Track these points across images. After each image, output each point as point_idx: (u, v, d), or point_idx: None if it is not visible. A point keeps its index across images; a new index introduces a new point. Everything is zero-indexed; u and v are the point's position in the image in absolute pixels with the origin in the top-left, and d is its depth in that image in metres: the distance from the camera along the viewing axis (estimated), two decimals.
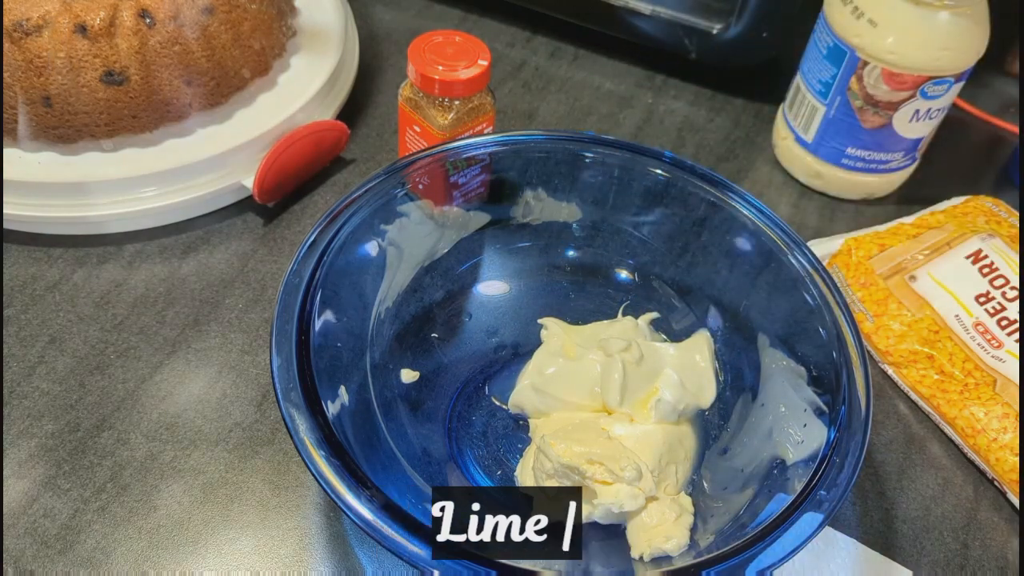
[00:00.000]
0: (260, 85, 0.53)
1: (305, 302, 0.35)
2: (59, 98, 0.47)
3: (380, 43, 0.64)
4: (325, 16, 0.59)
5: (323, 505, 0.41)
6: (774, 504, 0.33)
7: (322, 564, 0.39)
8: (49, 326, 0.46)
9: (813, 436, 0.35)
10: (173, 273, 0.49)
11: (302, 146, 0.51)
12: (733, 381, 0.41)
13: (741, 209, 0.41)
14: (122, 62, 0.47)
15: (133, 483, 0.41)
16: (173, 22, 0.48)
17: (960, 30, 0.49)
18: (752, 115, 0.63)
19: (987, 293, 0.48)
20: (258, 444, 0.42)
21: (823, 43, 0.52)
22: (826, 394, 0.36)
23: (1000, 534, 0.43)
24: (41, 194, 0.48)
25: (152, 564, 0.38)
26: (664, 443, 0.38)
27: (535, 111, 0.61)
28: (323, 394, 0.33)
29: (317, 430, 0.32)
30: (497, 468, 0.41)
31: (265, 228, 0.52)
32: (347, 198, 0.39)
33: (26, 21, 0.46)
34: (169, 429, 0.42)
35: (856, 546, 0.40)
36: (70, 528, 0.39)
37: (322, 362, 0.35)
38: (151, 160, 0.49)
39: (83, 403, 0.43)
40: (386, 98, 0.60)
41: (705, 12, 0.60)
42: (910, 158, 0.56)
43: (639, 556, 0.36)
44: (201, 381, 0.45)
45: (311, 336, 0.35)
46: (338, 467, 0.31)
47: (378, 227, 0.40)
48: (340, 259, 0.38)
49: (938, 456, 0.46)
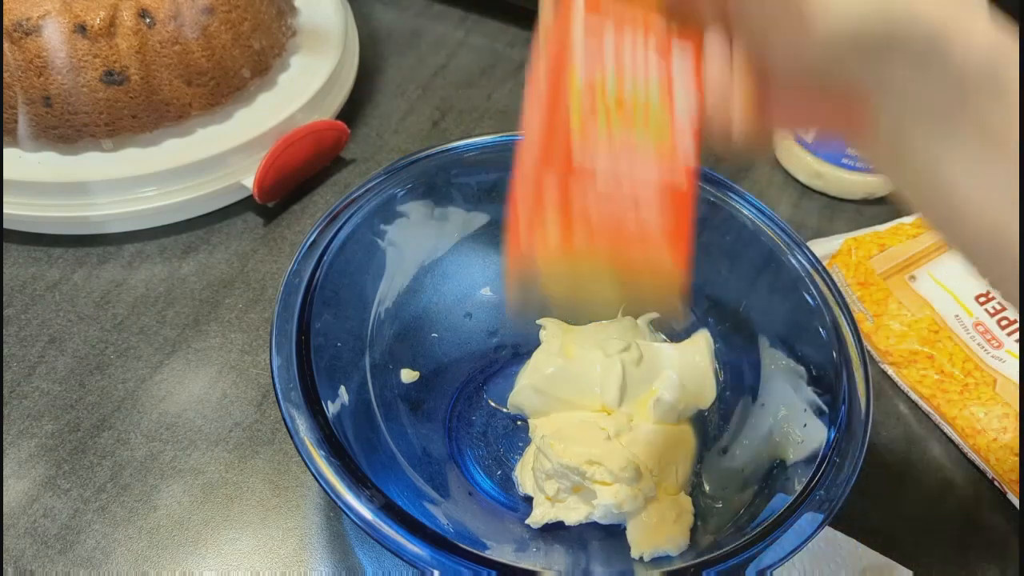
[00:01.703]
0: (260, 85, 0.53)
1: (305, 302, 0.35)
2: (59, 98, 0.47)
3: (380, 43, 0.64)
4: (325, 16, 0.59)
5: (323, 505, 0.41)
6: (774, 504, 0.33)
7: (322, 564, 0.39)
8: (49, 326, 0.46)
9: (813, 436, 0.35)
10: (173, 273, 0.49)
11: (302, 146, 0.51)
12: (733, 381, 0.41)
13: (741, 209, 0.41)
14: (122, 62, 0.47)
15: (133, 483, 0.41)
16: (173, 22, 0.48)
17: None
18: None
19: (987, 293, 0.48)
20: (258, 444, 0.42)
21: None
22: (826, 394, 0.36)
23: (1000, 534, 0.43)
24: (41, 194, 0.48)
25: (152, 564, 0.38)
26: (664, 443, 0.38)
27: None
28: (323, 394, 0.33)
29: (317, 430, 0.32)
30: (497, 468, 0.41)
31: (265, 228, 0.52)
32: (347, 198, 0.39)
33: (26, 21, 0.46)
34: (169, 429, 0.42)
35: (856, 546, 0.40)
36: (70, 528, 0.39)
37: (322, 362, 0.35)
38: (151, 160, 0.49)
39: (83, 403, 0.43)
40: (386, 98, 0.60)
41: None
42: None
43: (639, 556, 0.36)
44: (201, 381, 0.45)
45: (311, 336, 0.35)
46: (338, 467, 0.31)
47: (378, 227, 0.40)
48: (340, 259, 0.38)
49: (938, 456, 0.46)
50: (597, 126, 0.26)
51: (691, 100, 0.27)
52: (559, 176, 0.26)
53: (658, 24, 0.27)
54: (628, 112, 0.26)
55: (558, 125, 0.26)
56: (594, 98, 0.26)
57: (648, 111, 0.26)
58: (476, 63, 0.64)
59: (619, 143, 0.26)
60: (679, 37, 0.27)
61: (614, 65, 0.26)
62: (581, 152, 0.26)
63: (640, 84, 0.26)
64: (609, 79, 0.26)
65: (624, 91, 0.26)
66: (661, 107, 0.26)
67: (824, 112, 0.29)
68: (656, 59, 0.26)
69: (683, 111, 0.26)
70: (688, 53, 0.27)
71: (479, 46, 0.65)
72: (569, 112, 0.26)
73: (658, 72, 0.26)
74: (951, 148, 0.26)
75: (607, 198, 0.26)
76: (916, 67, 0.25)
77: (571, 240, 0.26)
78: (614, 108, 0.26)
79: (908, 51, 0.25)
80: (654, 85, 0.26)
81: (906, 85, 0.26)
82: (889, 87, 0.26)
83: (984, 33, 0.25)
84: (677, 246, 0.26)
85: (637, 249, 0.26)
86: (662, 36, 0.27)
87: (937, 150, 0.26)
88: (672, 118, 0.26)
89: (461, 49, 0.65)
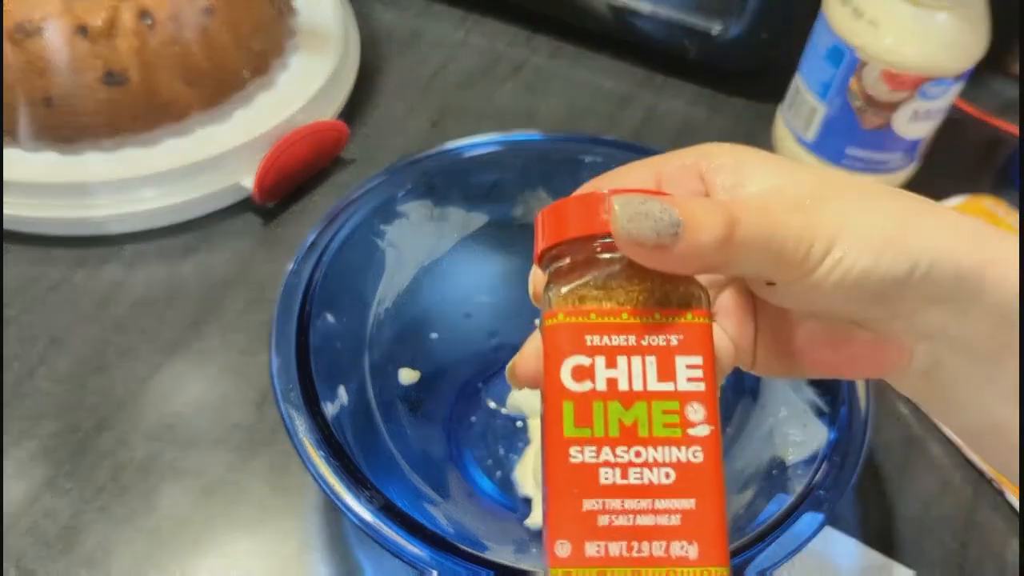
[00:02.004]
0: (260, 85, 0.53)
1: (305, 303, 0.35)
2: (60, 99, 0.47)
3: (380, 43, 0.64)
4: (325, 16, 0.59)
5: (322, 506, 0.41)
6: (774, 504, 0.33)
7: (322, 565, 0.39)
8: (50, 327, 0.46)
9: (813, 436, 0.35)
10: (173, 273, 0.49)
11: (302, 146, 0.52)
12: (733, 382, 0.41)
13: None
14: (122, 63, 0.47)
15: (133, 483, 0.41)
16: (173, 23, 0.48)
17: (959, 31, 0.49)
18: (752, 115, 0.63)
19: None
20: (258, 445, 0.42)
21: (823, 43, 0.52)
22: (826, 395, 0.36)
23: (999, 534, 0.43)
24: (41, 194, 0.48)
25: (152, 564, 0.38)
26: None
27: (535, 111, 0.61)
28: (322, 395, 0.33)
29: (316, 431, 0.32)
30: (496, 469, 0.41)
31: (265, 228, 0.52)
32: (347, 198, 0.39)
33: (27, 23, 0.46)
34: (169, 430, 0.43)
35: (856, 546, 0.40)
36: (71, 528, 0.39)
37: (321, 363, 0.35)
38: (151, 160, 0.49)
39: (84, 404, 0.43)
40: (386, 99, 0.60)
41: (705, 12, 0.60)
42: (910, 158, 0.56)
43: None
44: (201, 382, 0.45)
45: (310, 337, 0.35)
46: (337, 468, 0.31)
47: (378, 227, 0.40)
48: (339, 260, 0.38)
49: (937, 456, 0.46)
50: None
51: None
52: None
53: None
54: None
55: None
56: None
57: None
58: (476, 63, 0.64)
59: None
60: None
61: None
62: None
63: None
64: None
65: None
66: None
67: (852, 352, 0.25)
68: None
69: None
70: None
71: (479, 46, 0.65)
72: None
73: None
74: (1003, 391, 0.23)
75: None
76: (950, 311, 0.23)
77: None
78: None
79: (936, 295, 0.22)
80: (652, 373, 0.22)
81: (943, 329, 0.23)
82: (922, 331, 0.24)
83: (1017, 263, 0.22)
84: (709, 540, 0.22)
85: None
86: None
87: (987, 393, 0.24)
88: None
89: (461, 49, 0.65)
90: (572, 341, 0.22)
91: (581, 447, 0.22)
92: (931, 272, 0.22)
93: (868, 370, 0.26)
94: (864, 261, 0.22)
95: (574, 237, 0.23)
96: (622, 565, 0.21)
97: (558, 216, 0.24)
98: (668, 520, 0.21)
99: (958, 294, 0.22)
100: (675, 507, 0.22)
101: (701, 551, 0.21)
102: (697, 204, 0.21)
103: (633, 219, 0.21)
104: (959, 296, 0.22)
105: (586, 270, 0.23)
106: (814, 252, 0.22)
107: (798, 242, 0.21)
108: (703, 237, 0.21)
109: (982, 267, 0.22)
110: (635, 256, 0.21)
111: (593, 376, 0.22)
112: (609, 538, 0.21)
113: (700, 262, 0.21)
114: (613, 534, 0.21)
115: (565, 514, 0.21)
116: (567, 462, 0.22)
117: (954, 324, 0.23)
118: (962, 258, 0.22)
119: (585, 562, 0.21)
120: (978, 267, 0.22)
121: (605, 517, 0.21)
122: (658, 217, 0.21)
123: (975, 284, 0.22)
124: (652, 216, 0.21)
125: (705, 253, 0.21)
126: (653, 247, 0.21)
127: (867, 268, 0.22)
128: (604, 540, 0.21)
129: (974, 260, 0.22)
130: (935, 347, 0.24)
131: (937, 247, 0.22)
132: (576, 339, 0.22)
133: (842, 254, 0.22)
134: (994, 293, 0.22)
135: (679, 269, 0.22)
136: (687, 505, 0.22)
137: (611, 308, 0.22)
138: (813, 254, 0.22)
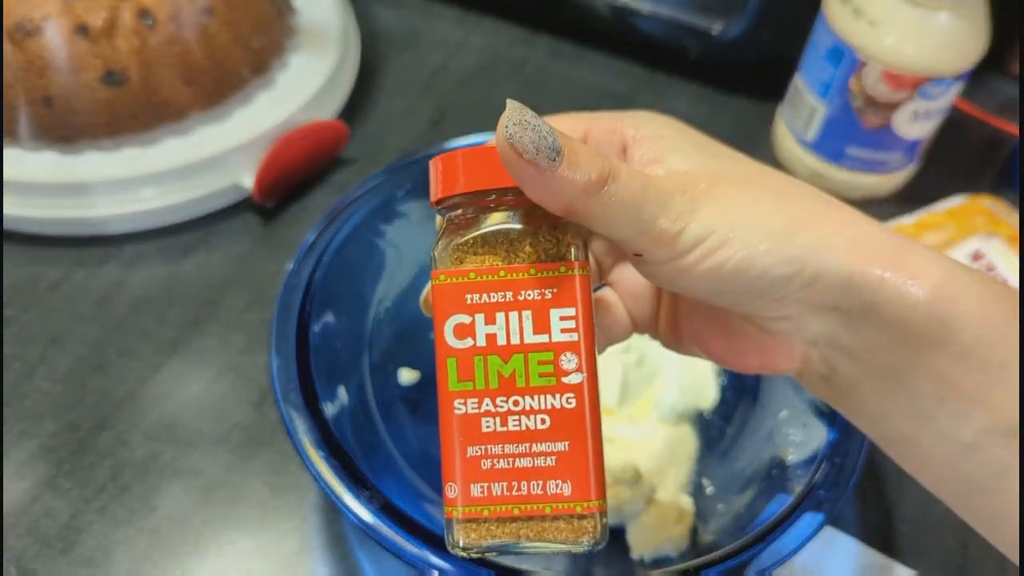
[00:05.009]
0: (259, 85, 0.53)
1: (304, 302, 0.35)
2: (60, 99, 0.47)
3: (380, 42, 0.64)
4: (325, 16, 0.59)
5: (322, 506, 0.41)
6: (774, 504, 0.33)
7: (321, 565, 0.39)
8: (49, 326, 0.46)
9: (813, 436, 0.35)
10: (173, 273, 0.49)
11: (302, 146, 0.51)
12: (733, 382, 0.41)
13: None
14: (122, 62, 0.47)
15: (133, 483, 0.41)
16: (173, 22, 0.48)
17: (959, 31, 0.49)
18: (752, 115, 0.63)
19: None
20: (257, 445, 0.42)
21: (823, 43, 0.52)
22: None
23: None
24: (41, 194, 0.48)
25: (152, 564, 0.38)
26: (664, 445, 0.38)
27: (535, 111, 0.61)
28: (322, 395, 0.33)
29: (316, 431, 0.32)
30: None
31: (264, 228, 0.52)
32: (347, 198, 0.39)
33: (27, 22, 0.46)
34: (169, 429, 0.43)
35: (856, 546, 0.40)
36: (71, 528, 0.39)
37: (321, 363, 0.35)
38: (151, 160, 0.49)
39: (83, 403, 0.43)
40: (386, 98, 0.60)
41: (705, 12, 0.60)
42: (910, 158, 0.56)
43: (639, 558, 0.36)
44: (201, 382, 0.45)
45: (310, 337, 0.35)
46: (337, 468, 0.31)
47: (378, 227, 0.40)
48: (339, 259, 0.38)
49: None
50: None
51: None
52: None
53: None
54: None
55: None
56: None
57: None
58: (476, 63, 0.64)
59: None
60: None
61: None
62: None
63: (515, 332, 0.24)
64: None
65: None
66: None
67: (740, 347, 0.25)
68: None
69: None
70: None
71: (479, 46, 0.65)
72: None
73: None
74: (907, 410, 0.23)
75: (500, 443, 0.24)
76: (840, 321, 0.22)
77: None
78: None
79: (823, 303, 0.22)
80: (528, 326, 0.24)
81: (834, 338, 0.23)
82: (811, 337, 0.23)
83: (921, 275, 0.21)
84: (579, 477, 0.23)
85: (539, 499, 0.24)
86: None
87: (890, 407, 0.23)
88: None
89: (461, 49, 0.65)
90: (454, 301, 0.24)
91: (464, 399, 0.24)
92: (818, 279, 0.21)
93: (756, 366, 0.25)
94: (741, 256, 0.21)
95: (466, 191, 0.24)
96: (504, 503, 0.24)
97: (452, 166, 0.25)
98: (544, 462, 0.24)
99: (847, 305, 0.22)
100: (550, 450, 0.24)
101: (574, 488, 0.23)
102: (583, 148, 0.21)
103: (520, 124, 0.21)
104: (849, 307, 0.22)
105: (468, 228, 0.24)
106: (687, 234, 0.21)
107: (674, 220, 0.21)
108: (577, 176, 0.21)
109: (877, 281, 0.21)
110: (506, 165, 0.21)
111: (474, 333, 0.24)
112: (492, 480, 0.24)
113: (568, 201, 0.22)
114: (495, 476, 0.24)
115: (452, 461, 0.24)
116: (452, 414, 0.24)
117: (846, 335, 0.22)
118: (854, 269, 0.21)
119: (471, 501, 0.24)
120: (872, 281, 0.21)
121: (488, 461, 0.24)
122: (543, 135, 0.21)
123: (867, 296, 0.21)
124: (539, 132, 0.21)
125: (575, 194, 0.21)
126: (527, 162, 0.21)
127: (743, 264, 0.21)
128: (487, 481, 0.24)
129: (868, 273, 0.21)
130: (829, 354, 0.23)
131: (827, 255, 0.21)
132: (457, 299, 0.24)
133: (719, 244, 0.21)
134: (888, 308, 0.21)
135: (546, 201, 0.22)
136: (561, 448, 0.24)
137: (489, 267, 0.24)
138: (686, 236, 0.22)
